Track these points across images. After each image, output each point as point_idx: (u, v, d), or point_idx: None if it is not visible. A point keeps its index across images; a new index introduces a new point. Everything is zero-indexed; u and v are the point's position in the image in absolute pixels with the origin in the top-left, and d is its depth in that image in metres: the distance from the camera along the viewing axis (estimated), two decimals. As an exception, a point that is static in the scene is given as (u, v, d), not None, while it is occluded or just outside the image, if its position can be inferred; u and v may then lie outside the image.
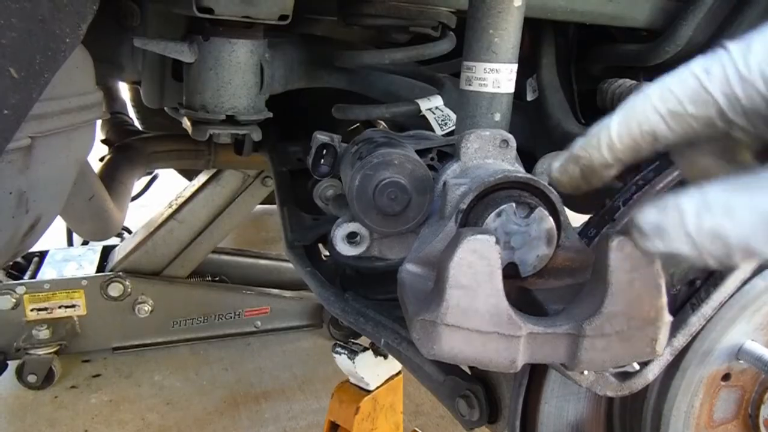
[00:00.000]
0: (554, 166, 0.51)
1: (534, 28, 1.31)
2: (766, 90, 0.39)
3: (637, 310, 0.54)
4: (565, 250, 0.64)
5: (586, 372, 0.64)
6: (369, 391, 1.33)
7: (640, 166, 0.77)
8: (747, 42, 0.40)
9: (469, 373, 0.84)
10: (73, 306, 2.14)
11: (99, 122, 1.41)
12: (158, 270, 2.31)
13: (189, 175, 2.73)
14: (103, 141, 2.12)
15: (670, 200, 0.40)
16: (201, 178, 2.34)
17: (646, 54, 1.19)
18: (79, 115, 0.90)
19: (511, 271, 0.62)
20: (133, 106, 2.51)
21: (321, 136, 0.85)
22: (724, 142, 0.45)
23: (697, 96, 0.41)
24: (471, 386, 0.81)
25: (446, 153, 0.77)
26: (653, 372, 0.67)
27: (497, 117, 0.81)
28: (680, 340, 0.69)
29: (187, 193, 2.33)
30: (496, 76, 0.78)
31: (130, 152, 2.00)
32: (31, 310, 2.09)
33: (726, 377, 0.75)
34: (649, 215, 0.41)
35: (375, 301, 0.92)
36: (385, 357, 1.31)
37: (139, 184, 2.26)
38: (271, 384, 2.22)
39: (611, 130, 0.46)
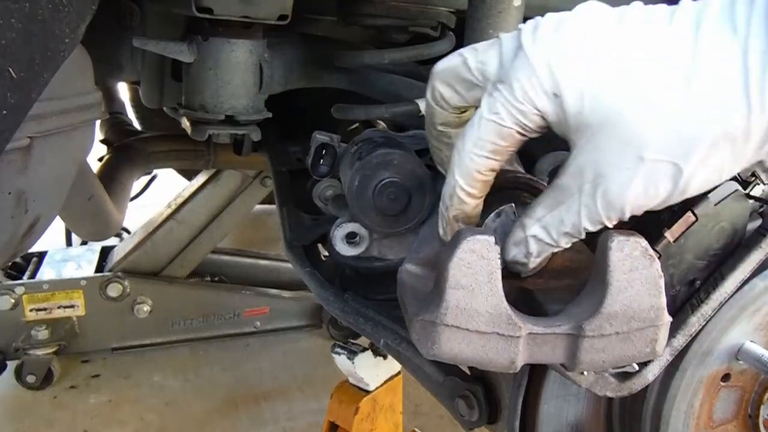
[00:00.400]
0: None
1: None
2: (540, 118, 0.54)
3: (636, 311, 0.54)
4: (564, 250, 0.63)
5: (585, 372, 0.64)
6: (368, 392, 1.33)
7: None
8: (510, 83, 0.53)
9: (469, 373, 0.84)
10: (72, 306, 2.14)
11: (98, 122, 1.41)
12: (157, 270, 2.31)
13: (188, 175, 2.73)
14: (102, 141, 2.12)
15: (518, 235, 0.58)
16: (200, 178, 2.34)
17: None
18: (79, 115, 0.90)
19: (511, 271, 0.62)
20: (132, 106, 2.51)
21: (320, 136, 0.85)
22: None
23: (499, 132, 0.55)
24: (470, 386, 0.81)
25: (446, 153, 0.77)
26: (653, 372, 0.67)
27: (497, 117, 0.80)
28: (680, 341, 0.68)
29: (187, 193, 2.32)
30: (496, 76, 0.78)
31: (130, 152, 2.00)
32: (30, 310, 2.08)
33: (726, 377, 0.75)
34: (515, 251, 0.59)
35: (374, 302, 0.92)
36: (385, 357, 1.31)
37: (138, 184, 2.26)
38: (270, 384, 2.22)
39: (457, 183, 0.58)
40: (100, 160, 1.92)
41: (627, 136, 0.49)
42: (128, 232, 2.60)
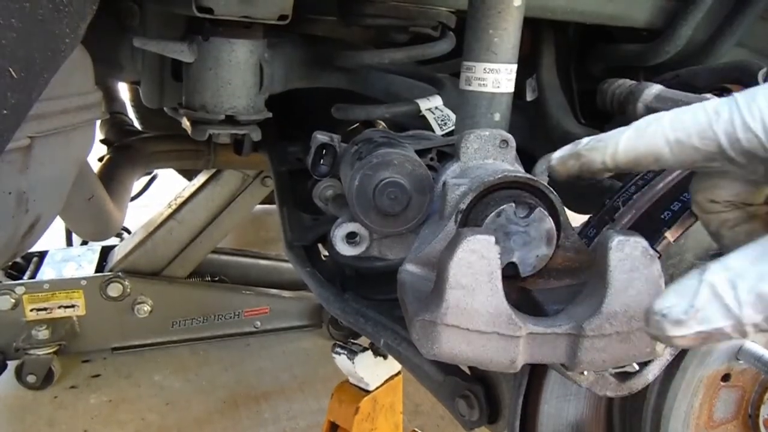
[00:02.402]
0: (555, 155, 0.54)
1: (534, 28, 1.31)
2: (764, 136, 0.43)
3: (637, 311, 0.54)
4: (564, 250, 0.64)
5: (585, 372, 0.64)
6: (368, 391, 1.33)
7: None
8: (753, 93, 0.44)
9: (469, 373, 0.84)
10: (72, 306, 2.14)
11: (98, 122, 1.41)
12: (158, 270, 2.31)
13: (188, 175, 2.73)
14: (102, 141, 2.12)
15: (689, 282, 0.41)
16: (200, 178, 2.34)
17: (646, 54, 1.19)
18: (79, 115, 0.90)
19: (510, 271, 0.62)
20: (132, 106, 2.51)
21: (320, 136, 0.85)
22: (740, 183, 0.50)
23: (704, 131, 0.45)
24: (471, 386, 0.81)
25: (446, 153, 0.77)
26: (653, 372, 0.67)
27: (497, 117, 0.81)
28: (680, 341, 0.68)
29: (187, 193, 2.33)
30: (496, 76, 0.78)
31: (130, 152, 2.00)
32: (31, 310, 2.09)
33: (726, 377, 0.75)
34: (673, 300, 0.41)
35: (375, 301, 0.92)
36: (385, 357, 1.31)
37: (138, 184, 2.26)
38: (270, 384, 2.22)
39: (619, 142, 0.49)
40: (101, 160, 1.92)
41: None
42: (128, 232, 2.60)
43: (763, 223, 0.51)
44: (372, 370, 1.31)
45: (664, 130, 0.47)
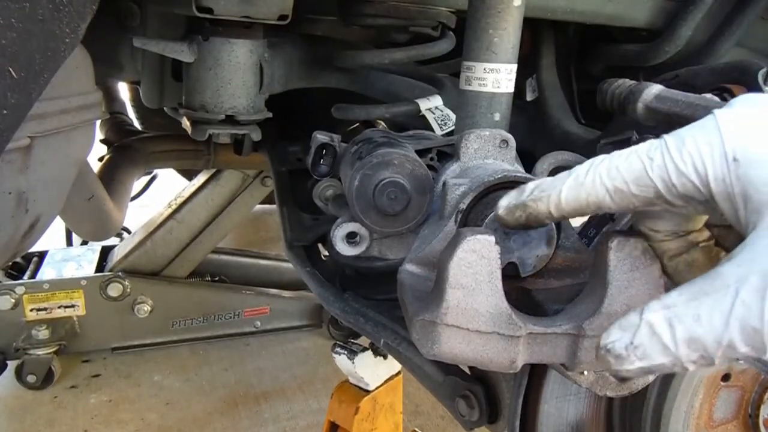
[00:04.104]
0: (501, 204, 0.54)
1: (534, 28, 1.31)
2: (698, 180, 0.43)
3: (637, 310, 0.54)
4: (564, 250, 0.64)
5: (585, 372, 0.64)
6: (368, 391, 1.33)
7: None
8: (681, 136, 0.44)
9: (469, 373, 0.84)
10: (72, 306, 2.14)
11: (98, 122, 1.41)
12: (158, 270, 2.31)
13: (188, 175, 2.73)
14: (102, 141, 2.12)
15: (631, 318, 0.42)
16: (200, 178, 2.34)
17: (646, 54, 1.19)
18: (79, 115, 0.90)
19: (511, 271, 0.62)
20: (132, 106, 2.51)
21: (320, 136, 0.85)
22: (678, 217, 0.51)
23: (640, 179, 0.46)
24: (471, 386, 0.81)
25: (446, 153, 0.77)
26: (653, 372, 0.67)
27: (497, 117, 0.81)
28: (680, 340, 0.68)
29: (187, 193, 2.33)
30: (496, 76, 0.78)
31: (130, 152, 2.00)
32: (31, 310, 2.09)
33: (726, 377, 0.75)
34: (616, 336, 0.43)
35: (375, 301, 0.92)
36: (385, 357, 1.31)
37: (138, 184, 2.26)
38: (270, 384, 2.22)
39: (561, 192, 0.49)
40: (101, 160, 1.92)
41: None
42: (128, 232, 2.60)
43: (703, 254, 0.52)
44: (372, 370, 1.31)
45: (602, 179, 0.47)
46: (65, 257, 2.33)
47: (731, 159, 0.42)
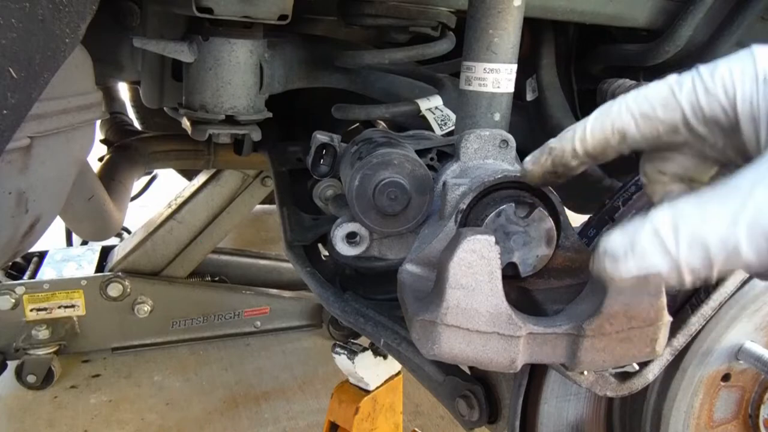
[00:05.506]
0: (527, 158, 0.55)
1: (534, 28, 1.31)
2: (726, 100, 0.43)
3: (637, 310, 0.54)
4: (564, 250, 0.64)
5: (585, 372, 0.64)
6: (368, 391, 1.33)
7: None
8: (714, 63, 0.45)
9: (469, 373, 0.84)
10: (72, 306, 2.14)
11: (98, 122, 1.41)
12: (158, 270, 2.31)
13: (188, 175, 2.73)
14: (102, 141, 2.12)
15: (636, 221, 0.41)
16: (200, 178, 2.34)
17: (646, 54, 1.19)
18: (79, 115, 0.90)
19: (510, 271, 0.62)
20: (132, 106, 2.52)
21: (321, 136, 0.85)
22: (690, 159, 0.50)
23: (667, 102, 0.46)
24: (471, 386, 0.81)
25: (446, 153, 0.77)
26: (653, 372, 0.67)
27: (497, 117, 0.80)
28: (680, 341, 0.69)
29: (187, 193, 2.33)
30: (496, 76, 0.78)
31: (130, 152, 2.00)
32: (31, 310, 2.09)
33: (726, 377, 0.75)
34: (618, 237, 0.41)
35: (375, 301, 0.92)
36: (385, 357, 1.31)
37: (138, 184, 2.26)
38: (270, 384, 2.22)
39: (586, 125, 0.50)
40: (101, 160, 1.92)
41: None
42: (128, 232, 2.60)
43: None
44: (372, 370, 1.31)
45: (629, 106, 0.47)
46: (65, 257, 2.33)
47: (761, 80, 0.42)
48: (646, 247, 0.39)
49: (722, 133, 0.45)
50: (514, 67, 0.80)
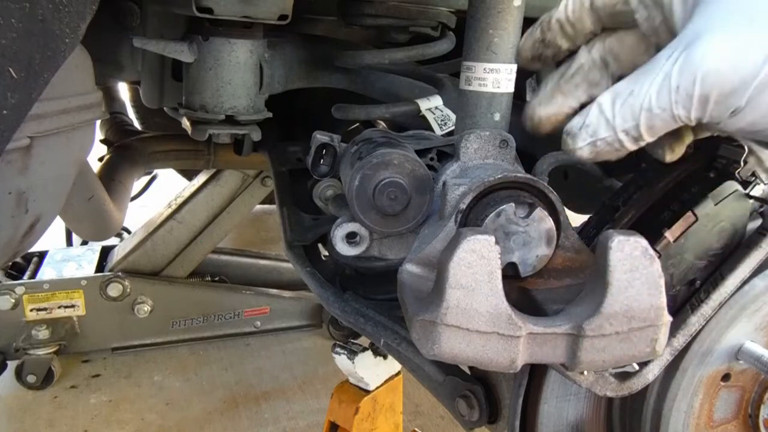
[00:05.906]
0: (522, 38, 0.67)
1: (534, 28, 1.30)
2: None
3: (637, 311, 0.54)
4: (564, 250, 0.64)
5: (585, 372, 0.64)
6: (368, 391, 1.33)
7: (640, 165, 0.77)
8: None
9: (469, 373, 0.84)
10: (72, 306, 2.14)
11: (98, 122, 1.41)
12: (158, 270, 2.31)
13: (188, 175, 2.73)
14: (102, 141, 2.12)
15: (589, 106, 0.54)
16: (200, 178, 2.34)
17: (645, 54, 1.19)
18: (79, 115, 0.90)
19: (510, 271, 0.62)
20: (132, 106, 2.51)
21: (320, 136, 0.85)
22: (634, 38, 0.61)
23: None
24: (471, 386, 0.81)
25: (446, 153, 0.77)
26: (653, 372, 0.67)
27: (497, 117, 0.80)
28: (680, 341, 0.69)
29: (187, 193, 2.33)
30: (496, 76, 0.78)
31: (130, 152, 2.00)
32: (31, 310, 2.09)
33: (726, 377, 0.75)
34: (576, 118, 0.55)
35: (375, 301, 0.92)
36: (385, 357, 1.31)
37: (138, 184, 2.26)
38: (270, 384, 2.22)
39: None
40: (101, 160, 1.92)
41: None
42: (128, 232, 2.60)
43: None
44: (372, 370, 1.31)
45: None
46: (65, 257, 2.33)
47: None
48: (593, 120, 0.53)
49: (659, 10, 0.54)
50: (514, 67, 0.80)
